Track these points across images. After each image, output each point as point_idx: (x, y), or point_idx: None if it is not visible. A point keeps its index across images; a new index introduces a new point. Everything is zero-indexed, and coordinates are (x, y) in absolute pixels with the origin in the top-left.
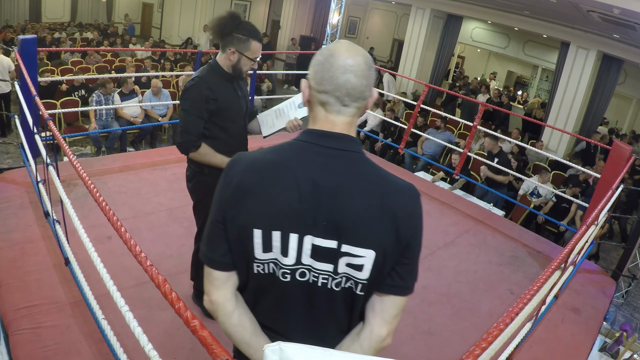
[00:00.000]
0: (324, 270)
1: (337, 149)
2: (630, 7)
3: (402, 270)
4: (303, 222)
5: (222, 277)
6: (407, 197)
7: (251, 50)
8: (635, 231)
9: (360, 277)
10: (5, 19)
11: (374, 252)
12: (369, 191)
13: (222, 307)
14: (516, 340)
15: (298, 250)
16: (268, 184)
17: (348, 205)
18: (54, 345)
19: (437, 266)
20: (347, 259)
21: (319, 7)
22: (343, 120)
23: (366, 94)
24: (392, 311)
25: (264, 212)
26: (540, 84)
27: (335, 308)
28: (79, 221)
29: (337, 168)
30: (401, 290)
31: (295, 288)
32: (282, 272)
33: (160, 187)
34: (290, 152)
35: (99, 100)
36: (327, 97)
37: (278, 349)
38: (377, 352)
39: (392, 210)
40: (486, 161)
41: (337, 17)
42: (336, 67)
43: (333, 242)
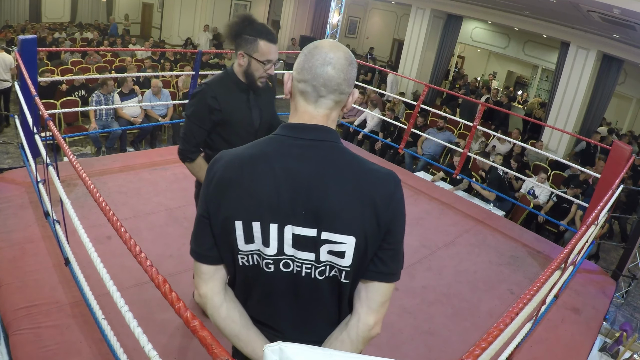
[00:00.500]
0: (306, 259)
1: (313, 140)
2: (630, 7)
3: (384, 256)
4: (282, 212)
5: (210, 271)
6: (385, 182)
7: (260, 51)
8: (635, 231)
9: (342, 265)
10: (5, 19)
11: (354, 238)
12: (345, 178)
13: (211, 300)
14: (516, 340)
15: (279, 240)
16: (247, 177)
17: (325, 193)
18: (54, 345)
19: (437, 266)
20: (328, 246)
21: (319, 7)
22: (320, 112)
23: (343, 88)
24: (378, 298)
25: (243, 204)
26: (540, 84)
27: (322, 298)
28: (79, 221)
29: (313, 158)
30: (385, 277)
31: (281, 279)
32: (265, 263)
33: (160, 187)
34: (268, 145)
35: (99, 100)
36: (305, 86)
37: (278, 349)
38: (366, 341)
39: (370, 196)
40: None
41: (337, 17)
42: (316, 59)
43: (312, 230)
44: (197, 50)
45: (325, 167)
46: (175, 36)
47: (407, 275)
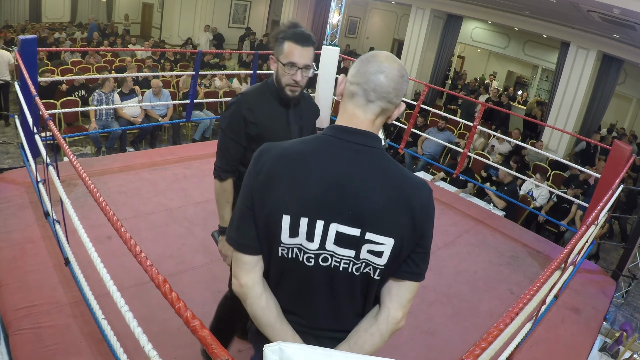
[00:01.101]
0: (346, 255)
1: (361, 145)
2: (630, 7)
3: (417, 257)
4: (329, 210)
5: (252, 262)
6: (423, 191)
7: (284, 52)
8: (635, 231)
9: (378, 263)
10: (5, 19)
11: (393, 240)
12: (389, 185)
13: (252, 290)
14: (516, 340)
15: (323, 236)
16: (297, 173)
17: (371, 196)
18: (54, 345)
19: (437, 266)
20: (369, 245)
21: (319, 7)
22: (367, 117)
23: (391, 97)
24: (407, 295)
25: (292, 199)
26: (540, 84)
27: (353, 292)
28: (79, 221)
29: (361, 162)
30: (416, 277)
31: (318, 272)
32: (306, 257)
33: (160, 187)
34: (317, 145)
35: (99, 99)
36: (356, 89)
37: (278, 349)
38: (392, 333)
39: (410, 203)
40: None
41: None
42: (372, 66)
43: (357, 230)
44: (197, 50)
45: (371, 173)
46: (175, 36)
47: None
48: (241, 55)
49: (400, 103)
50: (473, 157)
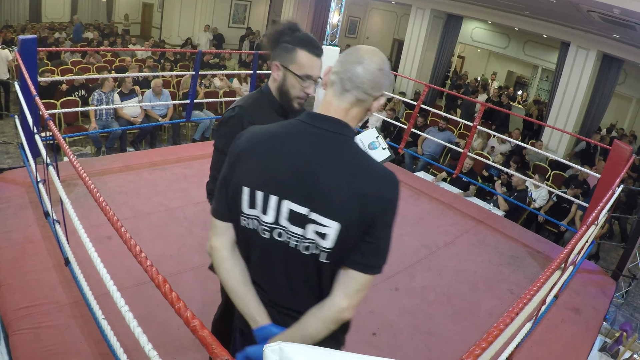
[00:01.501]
0: (296, 233)
1: (327, 130)
2: (630, 7)
3: (365, 248)
4: (283, 188)
5: (222, 227)
6: (380, 180)
7: (298, 62)
8: (635, 231)
9: (324, 246)
10: (5, 18)
11: (338, 224)
12: (344, 170)
13: (219, 252)
14: (516, 340)
15: (277, 211)
16: (260, 152)
17: (322, 179)
18: (54, 345)
19: (437, 266)
20: (315, 226)
21: (319, 7)
22: (340, 105)
23: (366, 88)
24: (353, 286)
25: (253, 174)
26: (540, 84)
27: (306, 272)
28: (79, 221)
29: (321, 147)
30: (363, 268)
31: (274, 246)
32: (262, 229)
33: (160, 187)
34: (286, 128)
35: (99, 99)
36: (335, 78)
37: (278, 349)
38: (336, 322)
39: (360, 190)
40: (503, 195)
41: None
42: (352, 57)
43: (305, 209)
44: (197, 50)
45: (328, 157)
46: (175, 36)
47: (407, 275)
48: (241, 55)
49: (380, 96)
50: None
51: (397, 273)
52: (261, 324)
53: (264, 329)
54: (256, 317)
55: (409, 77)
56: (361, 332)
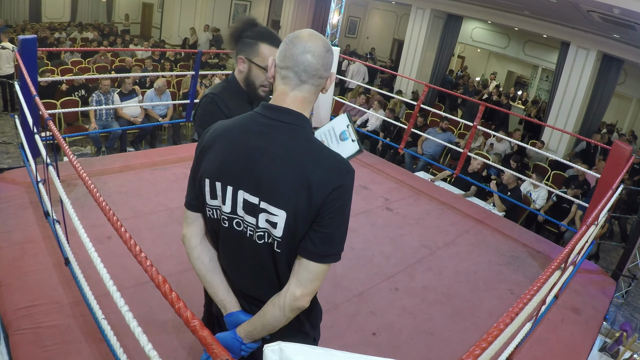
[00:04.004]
0: (250, 223)
1: (278, 120)
2: (630, 7)
3: (315, 237)
4: (236, 178)
5: (192, 217)
6: (328, 168)
7: (260, 55)
8: (635, 231)
9: (275, 234)
10: (5, 18)
11: (285, 212)
12: (290, 158)
13: (188, 241)
14: (516, 340)
15: (233, 201)
16: (219, 144)
17: (270, 168)
18: (54, 345)
19: (437, 266)
20: (265, 215)
21: (319, 7)
22: (297, 95)
23: (321, 73)
24: (305, 275)
25: (212, 166)
26: (540, 84)
27: (262, 261)
28: (79, 221)
29: (269, 136)
30: (313, 256)
31: (234, 236)
32: (223, 219)
33: (160, 187)
34: (242, 120)
35: (98, 100)
36: (288, 72)
37: (278, 349)
38: (293, 310)
39: (308, 178)
40: (498, 193)
41: (337, 17)
42: (297, 48)
43: (256, 198)
44: (197, 50)
45: (277, 147)
46: (175, 36)
47: (407, 275)
48: None
49: (332, 73)
50: (476, 158)
51: (397, 273)
52: (230, 311)
53: (232, 315)
54: (225, 304)
55: (409, 77)
56: (361, 332)
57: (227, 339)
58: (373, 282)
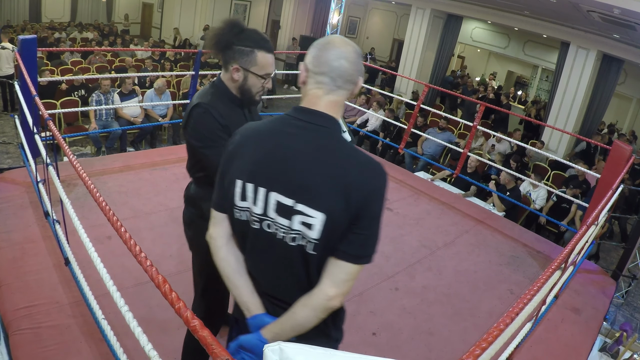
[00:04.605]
0: (283, 224)
1: (312, 123)
2: (630, 7)
3: (354, 239)
4: (271, 180)
5: (219, 217)
6: (365, 171)
7: (258, 64)
8: (635, 231)
9: (311, 237)
10: (7, 19)
11: (323, 215)
12: (327, 161)
13: (215, 240)
14: (516, 340)
15: (265, 202)
16: (250, 146)
17: (306, 170)
18: (54, 345)
19: (437, 266)
20: (301, 217)
21: (319, 7)
22: (331, 99)
23: (354, 78)
24: (341, 275)
25: (244, 168)
26: (540, 84)
27: (293, 263)
28: (79, 221)
29: (304, 138)
30: (351, 258)
31: (263, 238)
32: (252, 220)
33: (160, 187)
34: (275, 122)
35: (98, 100)
36: (323, 78)
37: (278, 349)
38: (325, 310)
39: (345, 181)
40: (496, 192)
41: (337, 17)
42: (332, 53)
43: (291, 200)
44: (197, 50)
45: (312, 149)
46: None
47: (407, 275)
48: None
49: (360, 78)
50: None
51: (397, 273)
52: (254, 313)
53: (256, 317)
54: (249, 306)
55: (409, 77)
56: (361, 332)
57: (252, 341)
58: (373, 282)
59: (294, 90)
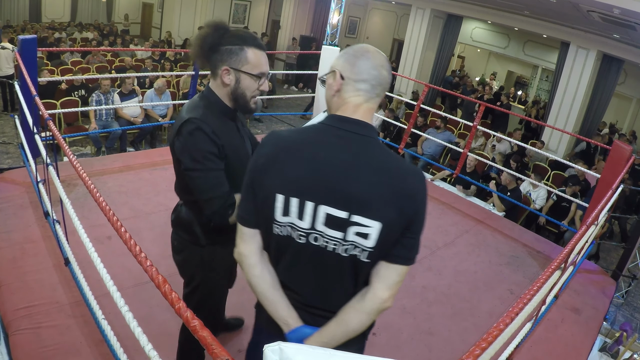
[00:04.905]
0: (334, 237)
1: (355, 133)
2: (630, 7)
3: (406, 242)
4: (320, 193)
5: (249, 233)
6: (413, 178)
7: (250, 62)
8: (635, 231)
9: (366, 245)
10: (7, 18)
11: (380, 223)
12: (377, 171)
13: (247, 258)
14: (516, 340)
15: (313, 216)
16: (290, 159)
17: (358, 181)
18: (54, 345)
19: (437, 266)
20: (356, 228)
21: (319, 7)
22: (369, 106)
23: (388, 87)
24: (395, 278)
25: (286, 181)
26: (540, 84)
27: (343, 272)
28: (79, 221)
29: (352, 149)
30: (405, 261)
31: (309, 250)
32: (297, 235)
33: (160, 187)
34: (315, 133)
35: (98, 100)
36: (362, 85)
37: (278, 349)
38: (378, 312)
39: (398, 189)
40: (497, 192)
41: (337, 17)
42: (370, 62)
43: (344, 212)
44: None
45: (360, 158)
46: (175, 36)
47: (407, 275)
48: None
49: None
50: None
51: None
52: (293, 327)
53: (297, 330)
54: (288, 320)
55: (409, 77)
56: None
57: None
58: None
59: (293, 91)
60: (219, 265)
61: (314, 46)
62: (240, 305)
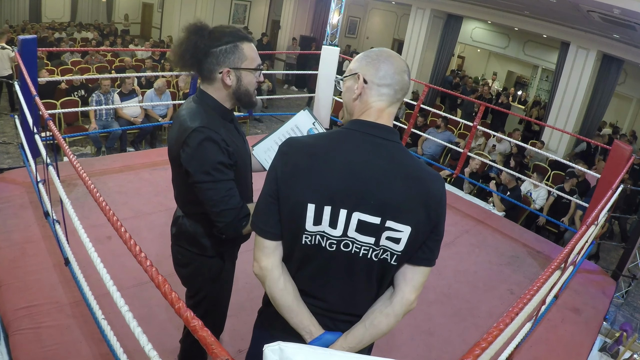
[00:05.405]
0: (366, 242)
1: (382, 138)
2: (630, 7)
3: (431, 244)
4: (353, 200)
5: (272, 246)
6: (438, 183)
7: (247, 57)
8: (635, 231)
9: (396, 249)
10: (6, 18)
11: (410, 227)
12: (407, 176)
13: (271, 272)
14: (516, 340)
15: (346, 223)
16: (321, 165)
17: (391, 187)
18: (54, 345)
19: (437, 266)
20: (389, 233)
21: (319, 7)
22: (391, 111)
23: (408, 92)
24: (420, 279)
25: (317, 189)
26: (540, 84)
27: (370, 276)
28: (79, 221)
29: (381, 154)
30: (429, 262)
31: (339, 257)
32: (328, 243)
33: (160, 187)
34: (341, 138)
35: (98, 100)
36: (386, 90)
37: (278, 349)
38: (404, 314)
39: (426, 194)
40: (496, 192)
41: (337, 17)
42: (395, 67)
43: (377, 218)
44: None
45: (390, 164)
46: (175, 36)
47: None
48: None
49: None
50: (475, 158)
51: None
52: (316, 335)
53: (320, 338)
54: (311, 329)
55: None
56: None
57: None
58: None
59: (293, 91)
60: (227, 275)
61: (314, 46)
62: (240, 306)
